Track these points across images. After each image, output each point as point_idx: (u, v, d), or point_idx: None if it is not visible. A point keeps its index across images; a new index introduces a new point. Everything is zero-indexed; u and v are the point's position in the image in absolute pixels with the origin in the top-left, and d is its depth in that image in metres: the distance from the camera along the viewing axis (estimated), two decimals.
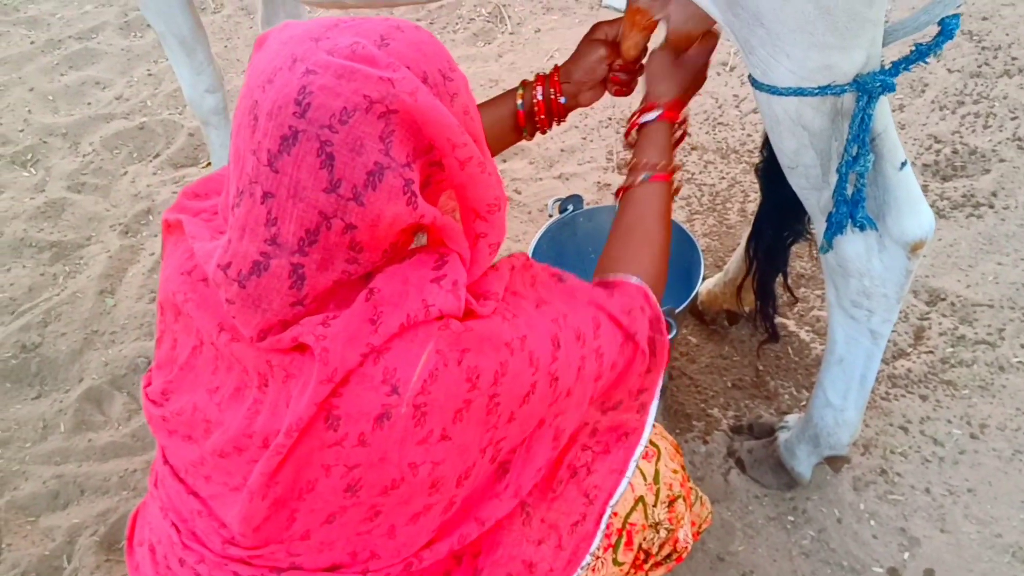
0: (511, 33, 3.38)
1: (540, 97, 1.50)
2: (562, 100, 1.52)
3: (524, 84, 1.53)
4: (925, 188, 2.55)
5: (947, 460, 1.92)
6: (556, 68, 1.53)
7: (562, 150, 2.82)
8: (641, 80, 1.54)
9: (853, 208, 1.40)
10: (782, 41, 1.24)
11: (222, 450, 1.05)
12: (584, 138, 2.86)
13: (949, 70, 2.96)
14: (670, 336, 1.67)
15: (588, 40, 1.53)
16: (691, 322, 2.23)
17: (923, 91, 2.88)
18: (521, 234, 2.53)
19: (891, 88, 1.29)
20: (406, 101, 0.89)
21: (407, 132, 0.91)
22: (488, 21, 3.44)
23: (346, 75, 0.88)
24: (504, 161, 2.78)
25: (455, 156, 0.95)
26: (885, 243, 1.46)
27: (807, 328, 2.21)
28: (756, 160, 2.70)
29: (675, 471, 1.35)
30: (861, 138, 1.32)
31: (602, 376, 1.16)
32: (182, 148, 3.00)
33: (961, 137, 2.70)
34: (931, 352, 2.14)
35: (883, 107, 1.35)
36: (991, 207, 2.49)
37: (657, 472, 1.33)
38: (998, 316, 2.21)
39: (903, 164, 1.42)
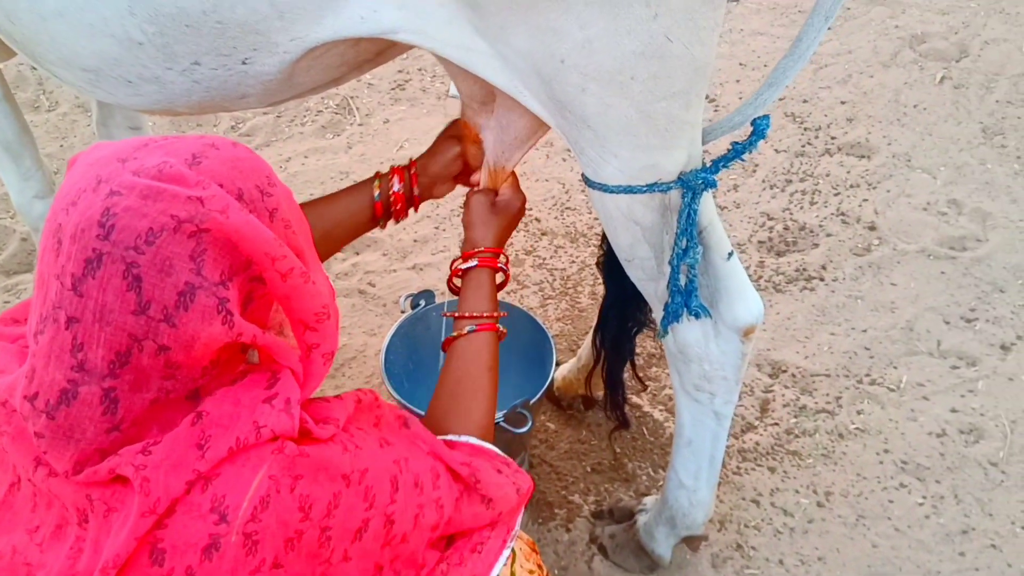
0: (360, 124, 3.40)
1: (397, 188, 1.51)
2: (415, 191, 1.54)
3: (379, 176, 1.54)
4: (761, 264, 2.69)
5: (797, 530, 1.99)
6: (412, 161, 1.55)
7: (415, 240, 2.84)
8: None
9: (687, 297, 1.46)
10: (609, 143, 1.30)
11: None
12: (437, 227, 2.89)
13: (776, 150, 3.15)
14: (526, 428, 1.70)
15: (445, 136, 1.57)
16: (548, 408, 2.25)
17: (755, 171, 3.06)
18: (376, 327, 2.52)
19: (712, 184, 1.37)
20: (217, 219, 0.88)
21: (220, 250, 0.90)
22: (336, 113, 3.46)
23: (152, 195, 0.87)
24: (357, 254, 2.78)
25: (275, 270, 0.94)
26: (720, 329, 1.53)
27: (660, 407, 2.27)
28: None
29: (531, 571, 1.35)
30: (689, 231, 1.39)
31: (438, 527, 1.14)
32: (14, 254, 2.86)
33: (791, 214, 2.87)
34: (776, 424, 2.23)
35: (707, 202, 1.42)
36: (821, 279, 2.64)
37: (513, 574, 1.32)
38: (835, 385, 2.33)
39: (730, 254, 1.49)
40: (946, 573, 1.91)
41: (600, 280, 2.64)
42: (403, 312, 2.03)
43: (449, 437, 1.26)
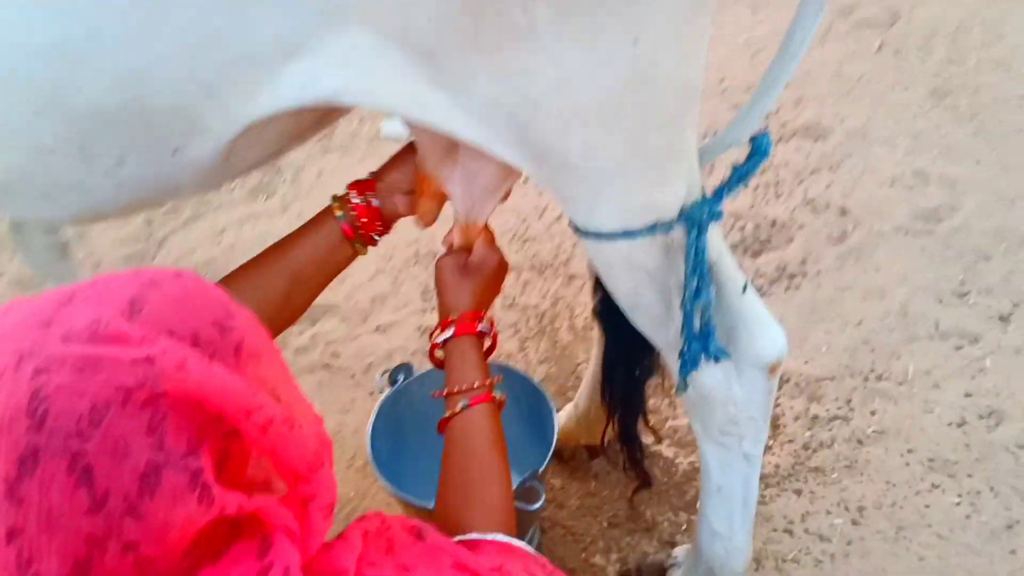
0: (292, 182, 3.21)
1: (357, 200, 1.33)
2: (375, 202, 1.35)
3: (335, 198, 1.35)
4: (740, 266, 2.55)
5: (838, 555, 1.86)
6: (370, 174, 1.38)
7: (373, 299, 2.65)
8: None
9: (704, 341, 1.31)
10: (599, 185, 1.15)
11: None
12: (394, 281, 2.71)
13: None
14: (539, 503, 1.54)
15: (406, 148, 1.38)
16: (551, 464, 2.09)
17: (711, 171, 2.92)
18: (348, 403, 2.33)
19: (718, 216, 1.23)
20: (173, 378, 0.70)
21: (183, 414, 0.71)
22: (264, 174, 3.26)
23: (88, 366, 0.68)
24: (313, 324, 2.58)
25: (252, 422, 0.76)
26: (742, 368, 1.39)
27: (667, 441, 2.12)
28: (572, 272, 2.66)
29: None
30: (699, 270, 1.24)
31: None
32: None
33: (759, 210, 2.75)
34: (791, 440, 2.09)
35: (715, 235, 1.28)
36: (804, 275, 2.52)
37: None
38: (842, 387, 2.20)
39: (745, 287, 1.35)
40: (1002, 575, 1.79)
41: (575, 312, 2.50)
42: (381, 391, 1.85)
43: (472, 536, 1.10)
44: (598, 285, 1.59)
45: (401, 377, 1.84)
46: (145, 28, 0.98)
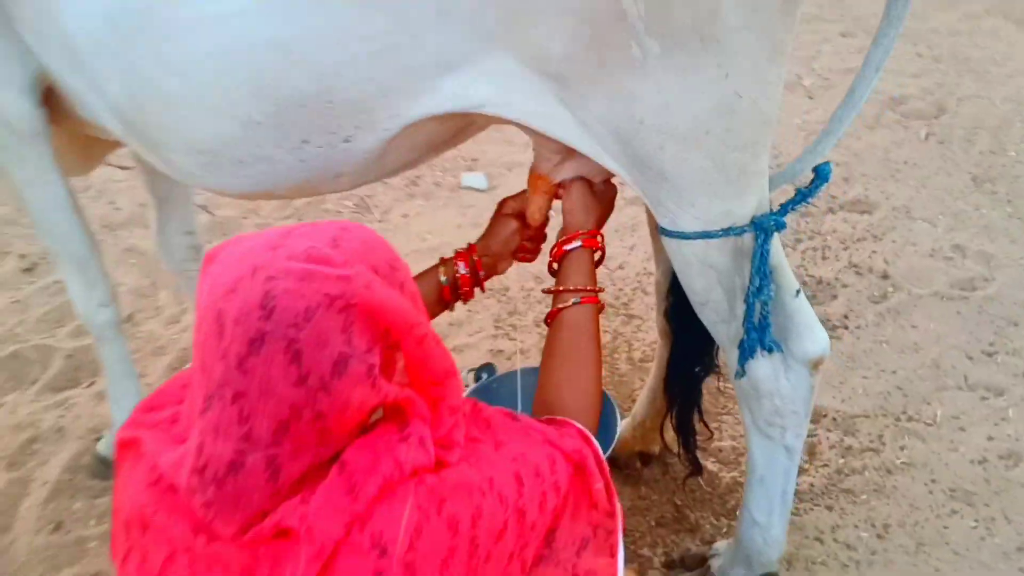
0: (380, 221, 3.54)
1: (463, 272, 1.63)
2: (482, 275, 1.65)
3: (443, 261, 1.65)
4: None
5: (863, 563, 2.07)
6: (471, 245, 1.67)
7: (450, 324, 2.95)
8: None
9: (761, 333, 1.56)
10: (686, 193, 1.43)
11: None
12: (470, 310, 3.00)
13: None
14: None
15: (499, 216, 1.68)
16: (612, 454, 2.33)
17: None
18: None
19: (782, 226, 1.49)
20: (362, 294, 0.97)
21: (366, 322, 0.99)
22: (355, 212, 3.60)
23: (306, 277, 0.96)
24: None
25: (412, 336, 1.04)
26: (790, 363, 1.63)
27: (713, 459, 2.36)
28: (631, 312, 2.93)
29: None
30: (762, 271, 1.50)
31: (558, 511, 1.21)
32: (61, 371, 2.93)
33: (806, 270, 3.02)
34: (826, 465, 2.32)
35: (776, 244, 1.54)
36: (845, 328, 2.77)
37: None
38: (875, 424, 2.43)
39: (798, 292, 1.61)
40: None
41: (633, 347, 2.77)
42: (466, 386, 2.12)
43: (560, 417, 1.33)
44: (670, 292, 1.86)
45: (484, 375, 2.11)
46: (344, 33, 1.30)
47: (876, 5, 1.44)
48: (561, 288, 1.52)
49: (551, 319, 1.50)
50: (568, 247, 1.56)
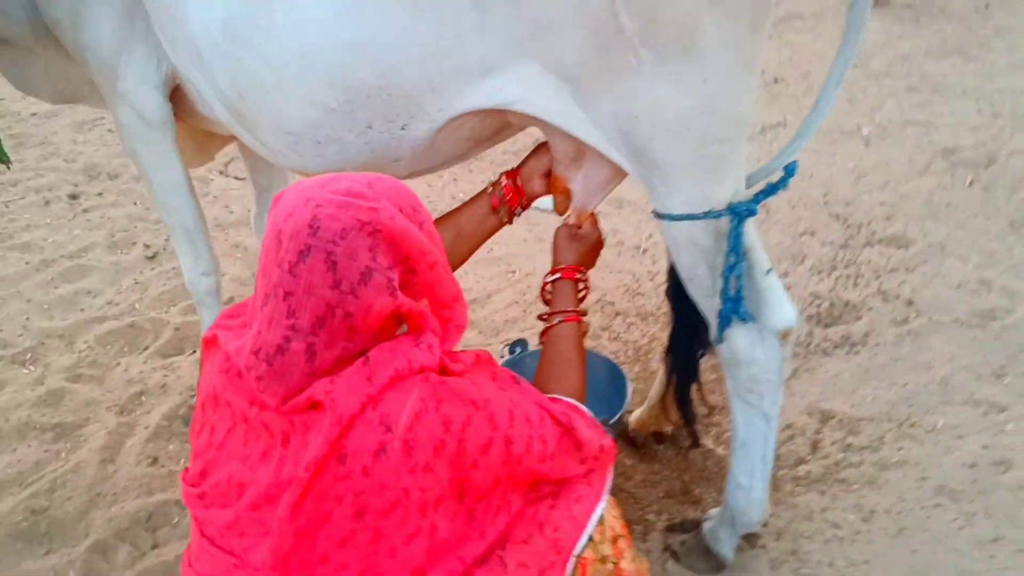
0: None
1: (506, 183, 1.93)
2: (519, 182, 1.94)
3: (491, 183, 1.96)
4: (810, 334, 3.07)
5: (846, 539, 2.29)
6: (515, 168, 1.97)
7: (506, 321, 3.29)
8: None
9: (736, 304, 1.83)
10: (673, 180, 1.72)
11: (255, 503, 1.29)
12: (524, 311, 3.34)
13: (822, 244, 3.57)
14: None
15: (541, 145, 1.97)
16: (625, 447, 2.62)
17: (803, 261, 3.46)
18: None
19: (753, 212, 1.75)
20: (387, 223, 1.24)
21: (388, 246, 1.25)
22: None
23: (344, 206, 1.23)
24: None
25: (425, 262, 1.32)
26: (763, 335, 1.90)
27: (723, 447, 2.62)
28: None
29: (615, 516, 1.71)
30: (736, 249, 1.78)
31: (545, 460, 1.44)
32: (169, 340, 3.37)
33: (837, 294, 3.26)
34: (826, 458, 2.55)
35: (750, 228, 1.82)
36: (865, 345, 2.99)
37: (602, 516, 1.67)
38: (879, 427, 2.65)
39: (768, 271, 1.88)
40: (979, 572, 2.18)
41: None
42: (501, 356, 2.44)
43: (552, 395, 1.61)
44: (671, 273, 2.16)
45: (518, 349, 2.44)
46: (405, 37, 1.67)
47: (946, 65, 1.72)
48: (550, 312, 1.84)
49: (543, 336, 1.82)
50: (550, 279, 1.89)
